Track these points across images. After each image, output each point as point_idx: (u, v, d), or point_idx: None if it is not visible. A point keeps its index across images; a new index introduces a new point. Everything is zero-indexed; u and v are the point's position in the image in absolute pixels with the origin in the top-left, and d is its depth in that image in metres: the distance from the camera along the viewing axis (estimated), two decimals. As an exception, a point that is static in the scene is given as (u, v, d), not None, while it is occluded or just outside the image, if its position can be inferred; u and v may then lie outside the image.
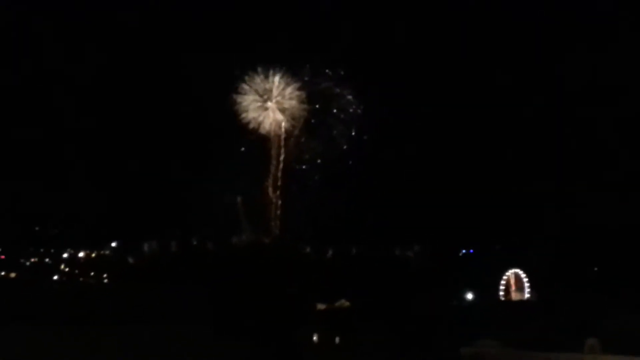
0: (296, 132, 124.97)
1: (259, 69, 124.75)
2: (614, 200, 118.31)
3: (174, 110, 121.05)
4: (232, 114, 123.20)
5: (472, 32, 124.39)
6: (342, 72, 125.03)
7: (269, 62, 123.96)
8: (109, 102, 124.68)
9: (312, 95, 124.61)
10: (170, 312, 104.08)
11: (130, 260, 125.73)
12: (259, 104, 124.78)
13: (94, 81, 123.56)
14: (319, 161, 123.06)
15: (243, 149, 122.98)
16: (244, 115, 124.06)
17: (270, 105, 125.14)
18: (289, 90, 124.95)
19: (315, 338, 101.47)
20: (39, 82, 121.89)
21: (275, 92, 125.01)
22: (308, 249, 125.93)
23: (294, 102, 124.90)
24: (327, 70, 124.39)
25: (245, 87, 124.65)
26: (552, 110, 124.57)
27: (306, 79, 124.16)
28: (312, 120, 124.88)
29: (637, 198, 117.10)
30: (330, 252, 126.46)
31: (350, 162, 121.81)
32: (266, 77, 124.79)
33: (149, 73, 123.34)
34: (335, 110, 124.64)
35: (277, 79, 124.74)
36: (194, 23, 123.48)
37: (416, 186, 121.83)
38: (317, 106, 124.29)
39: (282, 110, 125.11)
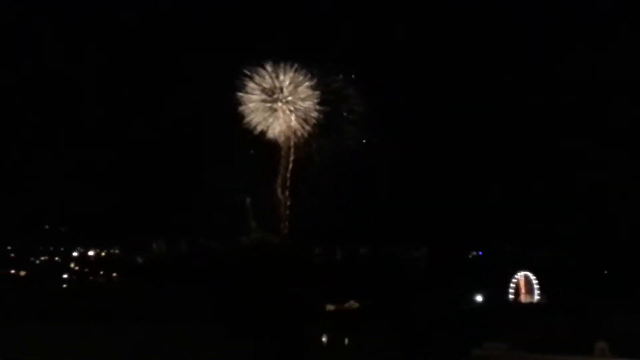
0: (306, 133, 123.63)
1: (268, 67, 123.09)
2: (624, 201, 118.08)
3: (183, 110, 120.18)
4: (239, 114, 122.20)
5: (472, 32, 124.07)
6: (353, 76, 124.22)
7: (275, 60, 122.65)
8: (117, 101, 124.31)
9: (322, 95, 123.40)
10: (178, 311, 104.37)
11: (139, 259, 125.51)
12: (268, 104, 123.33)
13: (100, 81, 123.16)
14: (328, 163, 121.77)
15: (252, 151, 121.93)
16: (252, 116, 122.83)
17: (280, 105, 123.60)
18: (301, 89, 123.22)
19: (324, 338, 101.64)
20: (40, 82, 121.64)
21: (285, 91, 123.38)
22: (317, 250, 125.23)
23: (308, 103, 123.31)
24: (340, 75, 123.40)
25: (253, 86, 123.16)
26: (554, 110, 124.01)
27: (317, 78, 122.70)
28: (322, 122, 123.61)
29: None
30: (339, 253, 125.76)
31: (359, 163, 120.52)
32: (276, 75, 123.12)
33: (155, 73, 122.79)
34: (345, 113, 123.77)
35: (287, 77, 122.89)
36: (194, 23, 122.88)
37: (425, 188, 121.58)
38: (329, 108, 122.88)
39: (293, 111, 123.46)
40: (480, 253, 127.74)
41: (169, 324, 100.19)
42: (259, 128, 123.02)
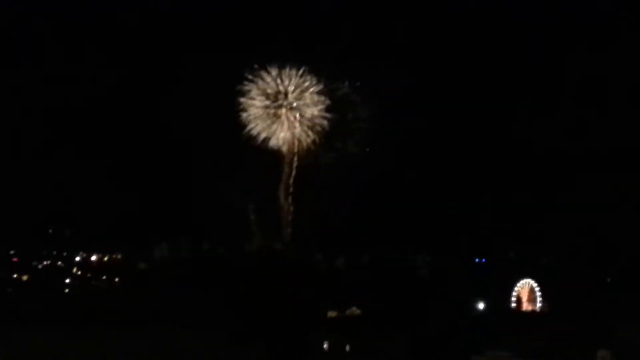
0: (311, 140, 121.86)
1: (272, 71, 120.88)
2: (629, 206, 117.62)
3: (185, 114, 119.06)
4: (242, 121, 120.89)
5: (472, 32, 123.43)
6: (358, 83, 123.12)
7: (280, 63, 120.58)
8: (124, 105, 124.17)
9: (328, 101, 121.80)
10: (180, 316, 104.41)
11: (142, 264, 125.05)
12: (272, 110, 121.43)
13: (108, 88, 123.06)
14: (332, 169, 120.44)
15: (254, 158, 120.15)
16: (255, 123, 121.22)
17: (284, 112, 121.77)
18: (307, 95, 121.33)
19: (325, 345, 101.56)
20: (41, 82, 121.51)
21: (290, 97, 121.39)
22: (319, 256, 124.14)
23: (313, 110, 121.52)
24: (345, 82, 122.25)
25: (257, 91, 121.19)
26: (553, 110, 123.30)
27: (323, 84, 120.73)
28: (328, 129, 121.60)
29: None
30: (341, 259, 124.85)
31: (363, 170, 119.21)
32: (281, 80, 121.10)
33: (154, 75, 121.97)
34: (350, 120, 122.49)
35: (293, 82, 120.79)
36: (194, 23, 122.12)
37: (428, 194, 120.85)
38: (335, 115, 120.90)
39: (298, 118, 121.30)
40: (483, 260, 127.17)
41: (170, 329, 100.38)
42: (262, 135, 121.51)
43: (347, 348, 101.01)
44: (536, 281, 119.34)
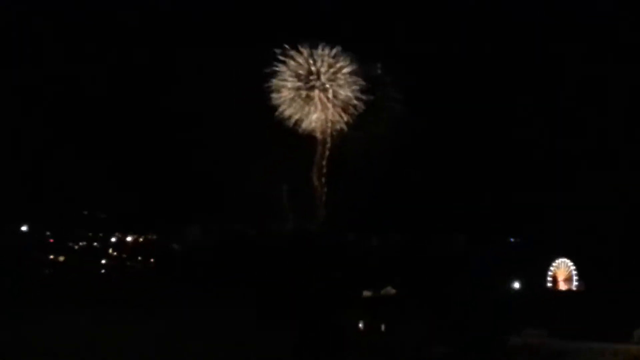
0: (344, 121, 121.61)
1: (304, 51, 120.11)
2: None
3: (217, 99, 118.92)
4: (273, 103, 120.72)
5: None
6: (379, 71, 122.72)
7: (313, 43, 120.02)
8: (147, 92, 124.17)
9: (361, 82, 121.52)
10: (213, 297, 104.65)
11: (176, 245, 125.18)
12: (304, 91, 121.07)
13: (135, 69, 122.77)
14: (364, 149, 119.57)
15: (287, 140, 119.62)
16: (286, 105, 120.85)
17: (316, 93, 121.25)
18: (340, 75, 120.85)
19: (361, 325, 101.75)
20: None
21: (323, 78, 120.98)
22: (353, 236, 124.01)
23: (347, 91, 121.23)
24: (378, 64, 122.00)
25: (288, 72, 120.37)
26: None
27: (356, 65, 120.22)
28: (361, 110, 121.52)
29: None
30: (375, 239, 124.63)
31: (396, 150, 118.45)
32: (313, 60, 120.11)
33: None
34: (382, 101, 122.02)
35: (325, 62, 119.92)
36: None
37: (462, 173, 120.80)
38: (368, 96, 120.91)
39: (331, 99, 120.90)
40: (518, 239, 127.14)
41: (203, 310, 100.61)
42: (295, 117, 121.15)
43: (382, 327, 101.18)
44: (572, 260, 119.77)
